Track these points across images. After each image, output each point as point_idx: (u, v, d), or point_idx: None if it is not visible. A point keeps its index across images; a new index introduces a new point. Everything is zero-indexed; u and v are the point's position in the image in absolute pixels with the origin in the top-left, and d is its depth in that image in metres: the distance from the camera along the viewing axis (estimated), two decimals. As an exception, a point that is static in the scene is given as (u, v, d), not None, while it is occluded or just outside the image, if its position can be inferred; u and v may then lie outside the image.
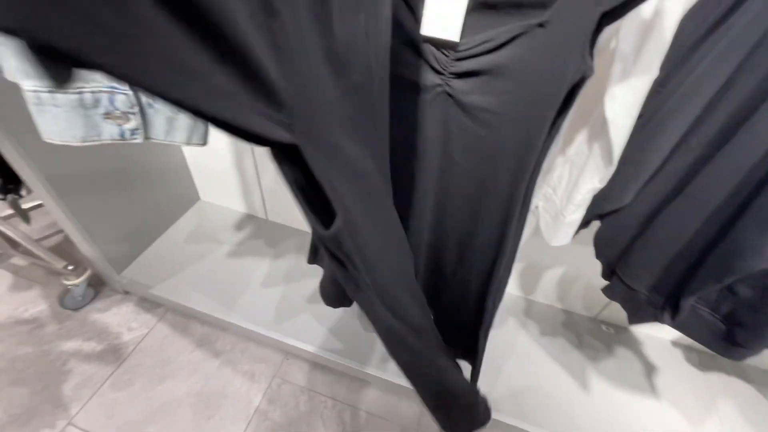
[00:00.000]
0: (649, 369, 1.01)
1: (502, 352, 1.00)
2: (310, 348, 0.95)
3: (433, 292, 0.61)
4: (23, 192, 0.95)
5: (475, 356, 0.63)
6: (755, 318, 0.48)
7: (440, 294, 0.61)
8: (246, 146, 1.11)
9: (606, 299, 1.06)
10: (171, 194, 1.22)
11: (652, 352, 1.04)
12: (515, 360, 0.99)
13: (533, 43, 0.35)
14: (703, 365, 1.03)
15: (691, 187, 0.49)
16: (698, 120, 0.49)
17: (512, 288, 1.15)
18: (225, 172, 1.20)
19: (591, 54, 0.37)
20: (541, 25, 0.35)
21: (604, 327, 1.09)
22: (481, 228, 0.50)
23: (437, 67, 0.40)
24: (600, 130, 0.50)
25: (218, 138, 1.11)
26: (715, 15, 0.51)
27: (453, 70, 0.40)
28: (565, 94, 0.38)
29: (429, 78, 0.41)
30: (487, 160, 0.44)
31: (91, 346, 1.00)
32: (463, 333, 0.62)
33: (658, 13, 0.41)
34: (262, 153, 1.10)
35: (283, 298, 1.06)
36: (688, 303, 0.52)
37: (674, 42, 0.61)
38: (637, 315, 0.61)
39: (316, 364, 1.00)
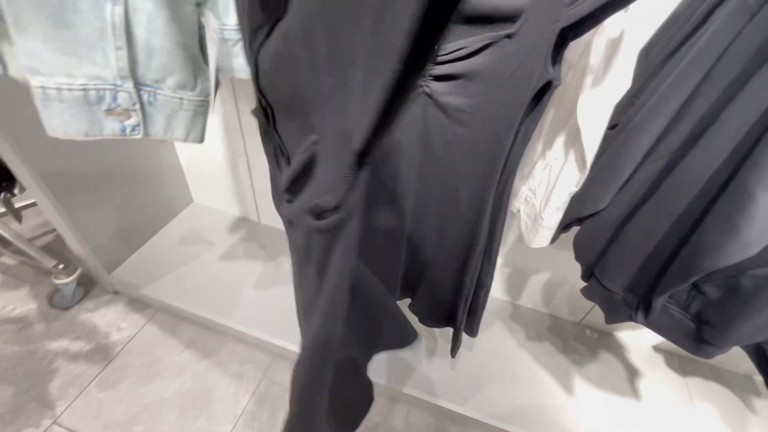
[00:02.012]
0: (632, 373, 1.03)
1: (488, 354, 1.02)
2: (297, 348, 0.96)
3: (417, 272, 0.67)
4: (16, 191, 0.96)
5: (455, 324, 0.70)
6: (722, 317, 0.51)
7: (424, 273, 0.66)
8: (240, 149, 1.13)
9: (590, 304, 1.09)
10: (165, 195, 1.24)
11: (634, 357, 1.07)
12: (500, 363, 1.01)
13: (502, 51, 0.40)
14: (684, 369, 1.06)
15: (660, 192, 0.52)
16: (667, 128, 0.53)
17: (499, 293, 1.17)
18: (219, 175, 1.22)
19: (555, 64, 0.41)
20: (508, 36, 0.39)
21: (588, 332, 1.12)
22: (458, 215, 0.55)
23: None
24: (575, 137, 0.53)
25: (213, 142, 1.14)
26: (683, 33, 0.56)
27: (432, 73, 0.43)
28: (530, 98, 0.42)
29: None
30: (464, 155, 0.48)
31: (79, 345, 1.00)
32: (446, 306, 0.69)
33: (625, 32, 0.45)
34: (256, 156, 1.13)
35: (273, 301, 1.07)
36: (660, 302, 0.55)
37: (647, 57, 0.65)
38: (613, 315, 0.64)
39: (305, 366, 1.00)
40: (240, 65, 0.52)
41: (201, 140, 0.53)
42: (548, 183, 0.60)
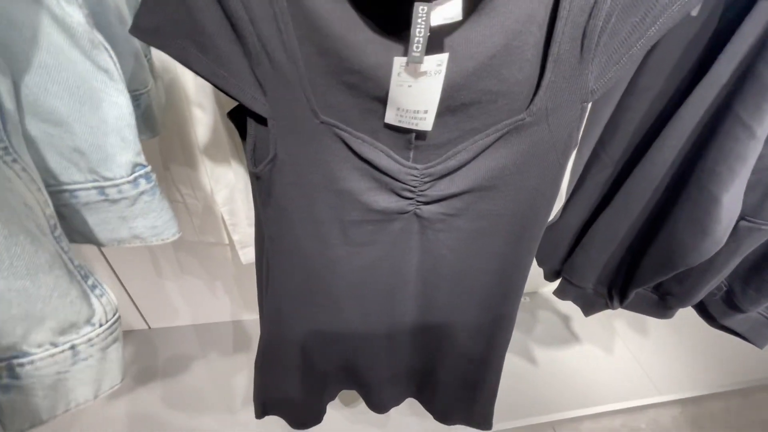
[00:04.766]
0: (564, 319, 1.19)
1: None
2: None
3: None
4: None
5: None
6: (681, 287, 0.60)
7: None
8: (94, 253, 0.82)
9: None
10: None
11: (560, 305, 1.23)
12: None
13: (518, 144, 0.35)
14: (594, 299, 1.27)
15: (617, 198, 0.56)
16: (602, 139, 0.56)
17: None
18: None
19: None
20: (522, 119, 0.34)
21: (522, 298, 1.23)
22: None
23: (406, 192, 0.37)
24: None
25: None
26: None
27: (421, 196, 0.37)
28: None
29: (393, 202, 0.38)
30: (488, 242, 0.43)
31: None
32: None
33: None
34: (116, 254, 0.84)
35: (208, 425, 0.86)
36: (634, 292, 0.61)
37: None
38: (590, 308, 0.69)
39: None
40: (145, 228, 0.33)
41: (119, 382, 0.35)
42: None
